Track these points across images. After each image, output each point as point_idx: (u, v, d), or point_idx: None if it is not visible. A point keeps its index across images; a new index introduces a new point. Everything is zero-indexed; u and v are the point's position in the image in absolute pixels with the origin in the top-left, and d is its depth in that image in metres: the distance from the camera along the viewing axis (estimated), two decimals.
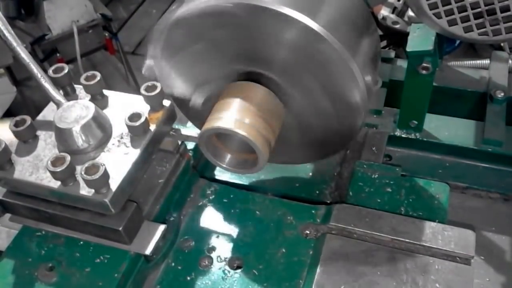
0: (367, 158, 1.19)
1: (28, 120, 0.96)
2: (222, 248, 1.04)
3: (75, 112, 0.94)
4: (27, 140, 0.97)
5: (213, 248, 1.05)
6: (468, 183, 1.24)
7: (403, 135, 1.28)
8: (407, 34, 1.10)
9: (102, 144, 0.95)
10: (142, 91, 0.98)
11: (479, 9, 0.89)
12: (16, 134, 0.96)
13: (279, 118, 0.96)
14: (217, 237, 1.07)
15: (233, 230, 1.08)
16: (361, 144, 1.24)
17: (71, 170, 0.88)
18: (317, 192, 1.17)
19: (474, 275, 0.94)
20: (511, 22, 0.89)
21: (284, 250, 1.02)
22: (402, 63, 1.42)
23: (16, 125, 0.96)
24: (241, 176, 1.20)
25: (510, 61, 1.44)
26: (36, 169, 0.93)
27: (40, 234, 1.03)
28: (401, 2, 1.67)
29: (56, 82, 1.01)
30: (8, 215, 1.06)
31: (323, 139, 1.03)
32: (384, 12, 1.64)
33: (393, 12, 1.65)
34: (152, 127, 0.97)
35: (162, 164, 1.10)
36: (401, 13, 1.66)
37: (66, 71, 1.03)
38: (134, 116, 0.94)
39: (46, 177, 0.91)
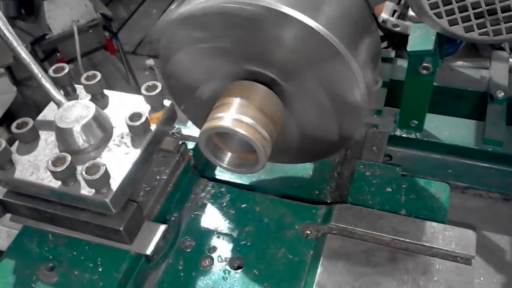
0: (368, 157, 1.19)
1: (30, 122, 0.96)
2: (223, 248, 1.04)
3: (75, 112, 0.94)
4: (29, 142, 0.97)
5: (214, 248, 1.05)
6: (468, 183, 1.24)
7: (403, 135, 1.28)
8: (407, 36, 1.10)
9: (102, 144, 0.95)
10: (143, 91, 0.98)
11: (480, 9, 0.89)
12: (17, 136, 0.96)
13: (279, 117, 0.96)
14: (218, 237, 1.07)
15: (234, 230, 1.08)
16: (361, 144, 1.24)
17: (71, 170, 0.88)
18: (318, 192, 1.17)
19: (475, 275, 0.94)
20: (511, 22, 0.89)
21: (284, 250, 1.02)
22: (403, 63, 1.42)
23: (18, 127, 0.96)
24: (242, 176, 1.20)
25: (510, 61, 1.44)
26: (36, 169, 0.93)
27: (40, 234, 1.03)
28: (400, 4, 1.67)
29: (56, 82, 1.01)
30: (8, 215, 1.06)
31: (323, 138, 1.03)
32: (384, 15, 1.64)
33: (393, 15, 1.65)
34: (153, 127, 0.97)
35: (163, 164, 1.10)
36: (401, 16, 1.66)
37: (66, 71, 1.03)
38: (135, 116, 0.95)
39: (47, 177, 0.91)
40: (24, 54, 0.96)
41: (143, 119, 0.94)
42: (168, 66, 1.01)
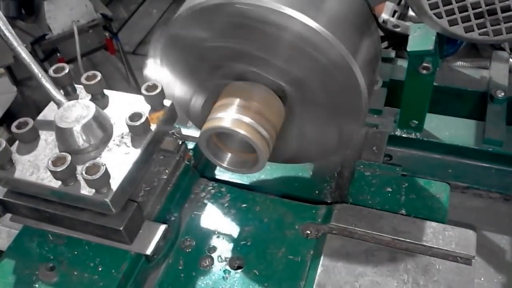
0: (368, 157, 1.19)
1: (30, 122, 0.96)
2: (223, 248, 1.04)
3: (75, 112, 0.94)
4: (29, 142, 0.97)
5: (214, 248, 1.05)
6: (468, 182, 1.24)
7: (403, 135, 1.28)
8: (408, 36, 1.10)
9: (102, 143, 0.95)
10: (143, 90, 0.98)
11: (480, 9, 0.89)
12: (17, 136, 0.96)
13: (279, 117, 0.96)
14: (218, 237, 1.07)
15: (234, 230, 1.08)
16: (361, 144, 1.24)
17: (71, 170, 0.88)
18: (318, 192, 1.17)
19: (475, 275, 0.94)
20: (511, 22, 0.89)
21: (285, 250, 1.02)
22: (403, 63, 1.42)
23: (18, 127, 0.96)
24: (242, 175, 1.20)
25: (510, 61, 1.44)
26: (36, 168, 0.93)
27: (40, 234, 1.03)
28: (401, 5, 1.67)
29: (56, 82, 1.01)
30: (8, 215, 1.06)
31: (323, 138, 1.03)
32: (384, 15, 1.65)
33: (393, 16, 1.65)
34: (153, 126, 0.97)
35: (163, 164, 1.09)
36: (401, 16, 1.66)
37: (66, 71, 1.03)
38: (135, 116, 0.94)
39: (47, 177, 0.91)
40: (24, 54, 0.96)
41: (143, 119, 0.94)
42: (168, 66, 1.01)
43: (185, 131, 1.05)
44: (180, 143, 1.11)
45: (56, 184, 0.90)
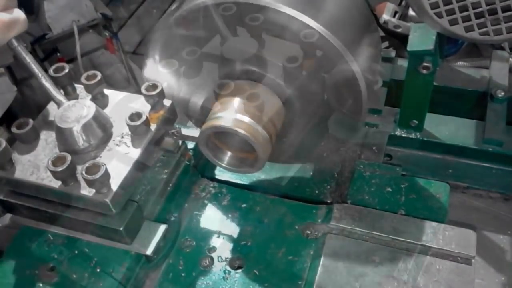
0: (368, 157, 1.19)
1: (30, 122, 0.96)
2: (223, 248, 1.04)
3: (75, 112, 0.94)
4: (29, 142, 0.97)
5: (214, 248, 1.04)
6: (468, 182, 1.24)
7: (403, 135, 1.28)
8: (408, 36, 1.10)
9: (102, 143, 0.95)
10: (143, 90, 0.98)
11: (480, 9, 0.89)
12: (18, 136, 0.96)
13: (279, 117, 0.96)
14: (218, 237, 1.07)
15: (234, 230, 1.07)
16: (361, 144, 1.24)
17: (71, 169, 0.88)
18: (318, 192, 1.17)
19: (475, 275, 0.94)
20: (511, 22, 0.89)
21: (284, 250, 1.02)
22: (403, 63, 1.41)
23: (18, 127, 0.96)
24: (242, 175, 1.20)
25: (510, 60, 1.44)
26: (36, 168, 0.93)
27: (40, 234, 1.03)
28: (401, 5, 1.68)
29: (56, 82, 1.01)
30: (8, 215, 1.06)
31: (323, 138, 1.03)
32: (385, 16, 1.65)
33: (394, 16, 1.66)
34: (153, 126, 0.97)
35: (163, 164, 1.09)
36: (402, 17, 1.66)
37: (66, 70, 1.03)
38: (135, 116, 0.94)
39: (47, 177, 0.91)
40: (24, 53, 0.96)
41: (143, 119, 0.94)
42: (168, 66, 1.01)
43: (185, 131, 1.05)
44: (180, 143, 1.10)
45: (56, 184, 0.90)
